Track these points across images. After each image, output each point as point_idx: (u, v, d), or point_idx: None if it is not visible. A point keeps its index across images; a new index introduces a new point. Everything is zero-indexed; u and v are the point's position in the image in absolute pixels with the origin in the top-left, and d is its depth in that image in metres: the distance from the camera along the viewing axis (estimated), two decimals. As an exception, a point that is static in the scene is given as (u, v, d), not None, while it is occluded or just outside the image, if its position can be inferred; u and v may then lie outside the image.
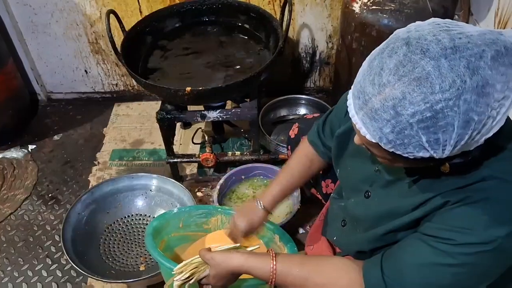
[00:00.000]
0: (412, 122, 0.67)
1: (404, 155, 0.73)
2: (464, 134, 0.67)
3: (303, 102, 2.29)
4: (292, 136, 1.54)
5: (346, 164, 1.13)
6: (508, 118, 0.73)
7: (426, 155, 0.71)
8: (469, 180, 0.79)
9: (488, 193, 0.77)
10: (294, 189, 1.33)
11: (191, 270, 1.03)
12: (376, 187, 1.00)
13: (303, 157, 1.30)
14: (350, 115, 0.77)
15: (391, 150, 0.73)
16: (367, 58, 0.75)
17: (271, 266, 0.96)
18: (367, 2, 1.70)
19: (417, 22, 0.73)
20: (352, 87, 0.77)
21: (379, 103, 0.70)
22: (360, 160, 1.05)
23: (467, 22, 1.36)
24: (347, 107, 0.78)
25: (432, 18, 0.73)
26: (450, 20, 0.71)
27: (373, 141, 0.74)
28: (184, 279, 1.03)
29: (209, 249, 1.03)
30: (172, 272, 1.05)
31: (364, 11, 1.70)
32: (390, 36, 0.74)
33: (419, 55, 0.67)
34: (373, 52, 0.75)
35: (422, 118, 0.67)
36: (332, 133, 1.21)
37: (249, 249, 1.08)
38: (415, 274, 0.84)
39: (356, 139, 0.85)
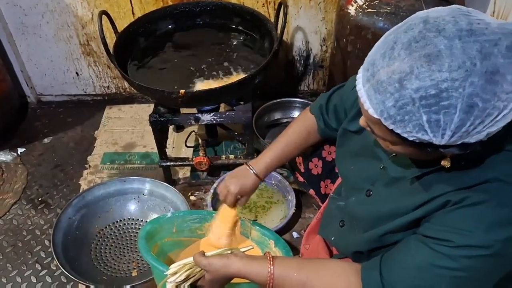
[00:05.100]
0: (415, 98, 0.67)
1: (403, 135, 0.71)
2: (466, 120, 0.66)
3: (297, 105, 2.27)
4: None
5: (349, 162, 1.12)
6: None
7: (425, 138, 0.69)
8: (472, 181, 0.78)
9: (489, 196, 0.76)
10: (288, 159, 1.32)
11: (186, 271, 1.00)
12: (379, 185, 1.00)
13: (302, 128, 1.29)
14: (357, 88, 0.76)
15: (391, 127, 0.72)
16: (384, 34, 0.75)
17: (269, 270, 0.94)
18: (363, 5, 1.69)
19: (439, 7, 0.72)
20: (365, 60, 0.76)
21: (386, 75, 0.69)
22: (365, 158, 1.04)
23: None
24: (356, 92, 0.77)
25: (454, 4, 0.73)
26: (472, 9, 0.70)
27: (375, 116, 0.73)
28: (179, 281, 1.00)
29: (202, 253, 1.01)
30: (165, 273, 1.03)
31: (360, 14, 1.70)
32: (411, 16, 0.73)
33: (434, 33, 0.66)
34: (391, 29, 0.74)
35: (425, 94, 0.66)
36: (336, 113, 1.21)
37: (242, 249, 1.06)
38: (414, 276, 0.83)
39: (361, 120, 0.85)
